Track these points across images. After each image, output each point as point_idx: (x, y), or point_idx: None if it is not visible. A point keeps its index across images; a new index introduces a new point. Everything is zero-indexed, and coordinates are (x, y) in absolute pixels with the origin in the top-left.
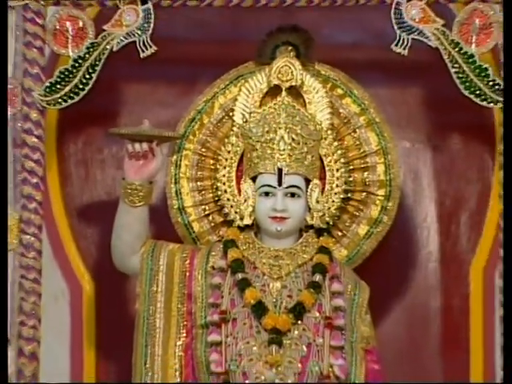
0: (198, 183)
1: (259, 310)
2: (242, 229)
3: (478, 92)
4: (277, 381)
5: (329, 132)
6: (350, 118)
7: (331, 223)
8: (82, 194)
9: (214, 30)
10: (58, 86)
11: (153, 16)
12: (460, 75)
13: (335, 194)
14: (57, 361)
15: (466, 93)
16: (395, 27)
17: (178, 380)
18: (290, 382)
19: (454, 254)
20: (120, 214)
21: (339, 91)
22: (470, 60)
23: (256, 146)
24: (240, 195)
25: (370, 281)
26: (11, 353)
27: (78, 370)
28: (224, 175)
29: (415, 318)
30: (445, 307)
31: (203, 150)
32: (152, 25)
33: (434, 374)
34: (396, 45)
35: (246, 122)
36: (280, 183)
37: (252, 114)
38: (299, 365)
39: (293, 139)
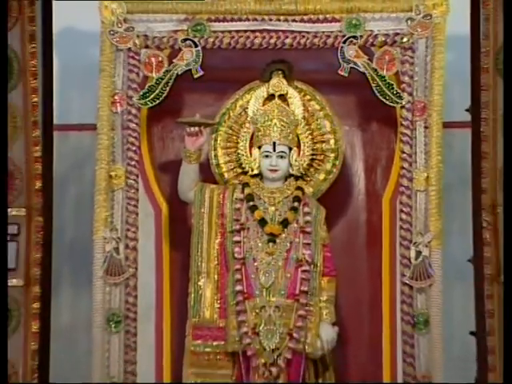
0: (227, 150)
1: (262, 222)
2: (252, 176)
3: (387, 97)
4: (272, 263)
5: (302, 120)
6: (314, 112)
7: (303, 173)
8: (161, 156)
9: (236, 62)
10: (147, 94)
11: (201, 54)
12: (377, 88)
13: (306, 156)
14: (147, 252)
15: (381, 98)
16: (340, 60)
17: (216, 262)
18: (280, 264)
19: (373, 190)
20: (182, 167)
21: (308, 97)
22: (383, 79)
23: (260, 128)
24: (251, 157)
25: (326, 206)
26: (121, 246)
27: (159, 256)
28: (242, 145)
29: (351, 226)
30: (368, 221)
31: (230, 131)
32: (201, 59)
33: (361, 260)
34: (341, 70)
35: (255, 114)
36: (274, 150)
37: (258, 110)
38: (285, 254)
39: (281, 124)
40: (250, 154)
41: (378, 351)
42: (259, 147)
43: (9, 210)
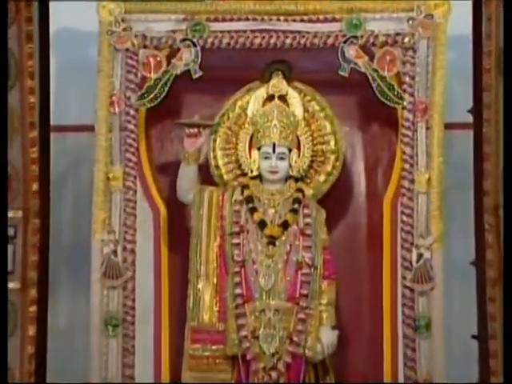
0: (226, 151)
1: (262, 224)
2: (252, 178)
3: (388, 98)
4: (272, 265)
5: (302, 121)
6: (314, 113)
7: (303, 174)
8: (159, 157)
9: (235, 62)
10: (146, 95)
11: (200, 54)
12: (378, 88)
13: (306, 157)
14: (146, 254)
15: (382, 98)
16: (340, 60)
17: (215, 265)
18: (279, 266)
19: (374, 192)
20: (181, 169)
21: (308, 97)
22: (384, 79)
23: (260, 130)
24: (251, 158)
25: (326, 208)
26: (119, 249)
27: (158, 259)
28: (241, 147)
29: (352, 227)
30: (368, 223)
31: (229, 132)
32: (200, 59)
33: (361, 262)
34: (341, 71)
35: (254, 115)
36: (274, 151)
37: (257, 111)
38: (285, 256)
39: (281, 126)
40: (250, 155)
41: (379, 355)
42: (259, 148)
43: None
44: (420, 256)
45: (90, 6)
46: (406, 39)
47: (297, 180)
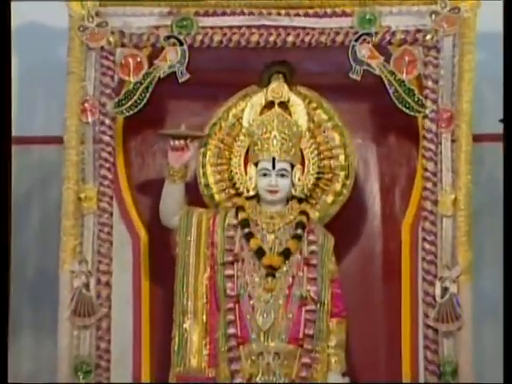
0: (218, 167)
1: (260, 253)
2: (248, 198)
3: (407, 105)
4: (271, 301)
5: (306, 133)
6: (321, 123)
7: (308, 194)
8: (139, 175)
9: (229, 63)
10: (124, 102)
11: (187, 54)
12: (395, 94)
13: (311, 174)
14: (123, 287)
15: (399, 106)
16: (351, 61)
17: (205, 300)
18: (280, 302)
19: (390, 215)
20: (165, 188)
21: (313, 105)
22: (402, 84)
23: (257, 142)
24: (246, 175)
25: (335, 233)
26: (92, 282)
27: (137, 294)
28: (236, 162)
29: (365, 258)
30: (384, 251)
31: (221, 145)
32: (187, 60)
33: (377, 297)
34: (352, 73)
35: (251, 125)
36: (274, 167)
37: (254, 120)
38: (287, 290)
39: (282, 137)
40: (245, 171)
41: None
42: (256, 164)
43: None
44: (445, 290)
45: None
46: (428, 36)
47: (300, 201)
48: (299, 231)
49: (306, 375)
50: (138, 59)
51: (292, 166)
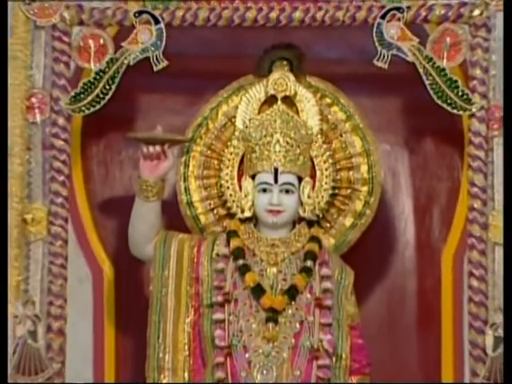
0: (204, 181)
1: (258, 291)
2: (242, 221)
3: (448, 101)
4: (273, 353)
5: (318, 136)
6: (337, 123)
7: (321, 216)
8: (102, 190)
9: (218, 46)
10: (82, 96)
11: (165, 34)
12: (433, 86)
13: (324, 190)
14: (81, 336)
15: (439, 102)
16: (376, 44)
17: (187, 353)
18: (285, 355)
19: (427, 242)
20: (136, 207)
21: (327, 100)
22: (442, 73)
23: (255, 148)
24: (241, 191)
25: (355, 266)
26: (41, 329)
27: (99, 344)
28: (227, 174)
29: (393, 299)
30: (419, 289)
31: (209, 151)
32: (164, 42)
33: (409, 348)
34: (377, 60)
35: (246, 127)
36: (276, 181)
37: (251, 120)
38: (293, 340)
39: (287, 142)
40: (240, 186)
41: None
42: (253, 177)
43: None
44: (498, 340)
45: None
46: (476, 12)
47: (310, 224)
48: (309, 263)
49: None
50: (101, 41)
51: (300, 180)
